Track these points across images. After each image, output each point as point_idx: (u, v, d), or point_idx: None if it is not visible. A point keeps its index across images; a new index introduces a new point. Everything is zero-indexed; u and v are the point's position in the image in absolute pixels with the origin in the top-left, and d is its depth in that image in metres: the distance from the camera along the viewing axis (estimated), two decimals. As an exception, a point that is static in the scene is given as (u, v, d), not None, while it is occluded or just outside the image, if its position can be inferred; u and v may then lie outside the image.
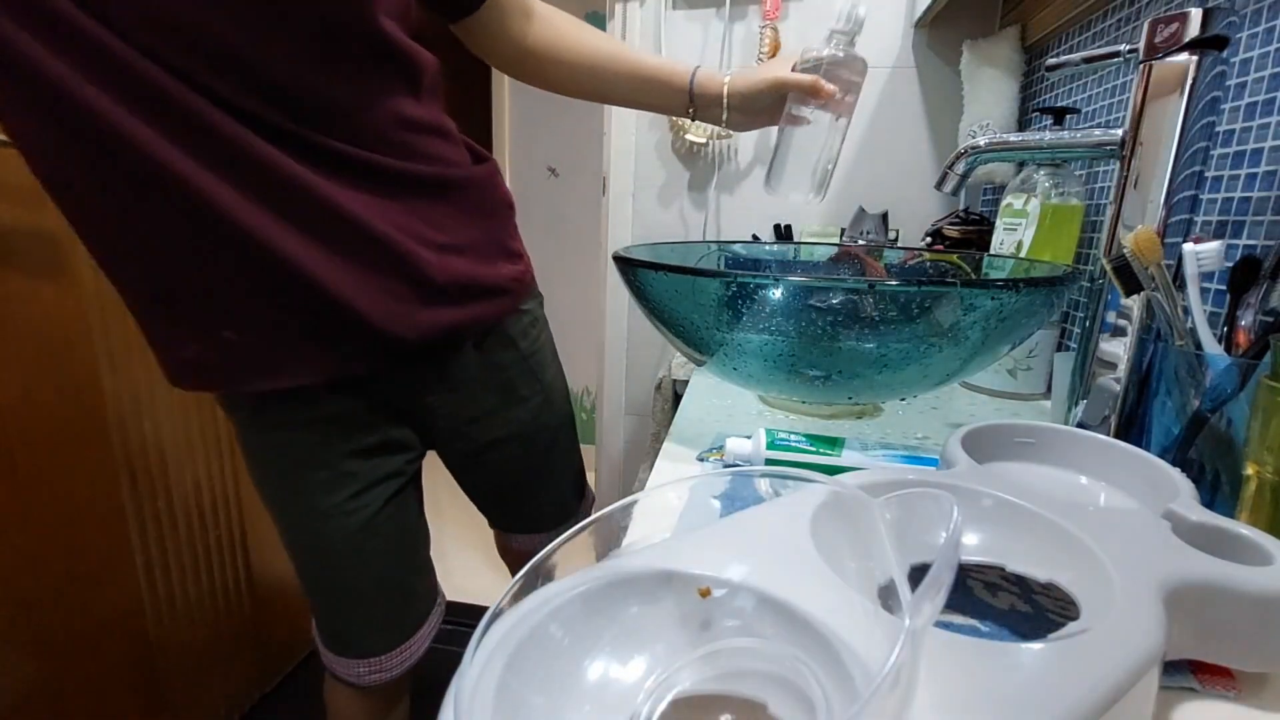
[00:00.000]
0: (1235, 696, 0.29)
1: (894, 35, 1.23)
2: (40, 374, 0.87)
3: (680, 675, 0.25)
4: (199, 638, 1.13)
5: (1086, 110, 0.82)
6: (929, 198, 1.27)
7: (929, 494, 0.31)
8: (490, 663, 0.22)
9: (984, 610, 0.34)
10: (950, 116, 1.22)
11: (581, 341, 2.04)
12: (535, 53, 0.68)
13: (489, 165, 0.63)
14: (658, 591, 0.27)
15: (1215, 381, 0.40)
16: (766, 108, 0.68)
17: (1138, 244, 0.43)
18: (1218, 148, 0.55)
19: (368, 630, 0.65)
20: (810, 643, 0.23)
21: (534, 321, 0.70)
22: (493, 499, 0.78)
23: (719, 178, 1.37)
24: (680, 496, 0.41)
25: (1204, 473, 0.40)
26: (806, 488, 0.31)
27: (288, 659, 1.36)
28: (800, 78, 0.64)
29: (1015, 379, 0.74)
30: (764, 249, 0.87)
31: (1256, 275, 0.43)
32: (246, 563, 1.22)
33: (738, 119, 0.69)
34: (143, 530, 1.00)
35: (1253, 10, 0.52)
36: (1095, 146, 0.53)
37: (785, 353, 0.52)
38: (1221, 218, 0.55)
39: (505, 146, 2.23)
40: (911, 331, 0.49)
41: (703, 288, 0.52)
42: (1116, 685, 0.22)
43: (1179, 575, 0.27)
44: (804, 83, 0.63)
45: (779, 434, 0.51)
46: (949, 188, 0.59)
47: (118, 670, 1.01)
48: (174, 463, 1.05)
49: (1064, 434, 0.43)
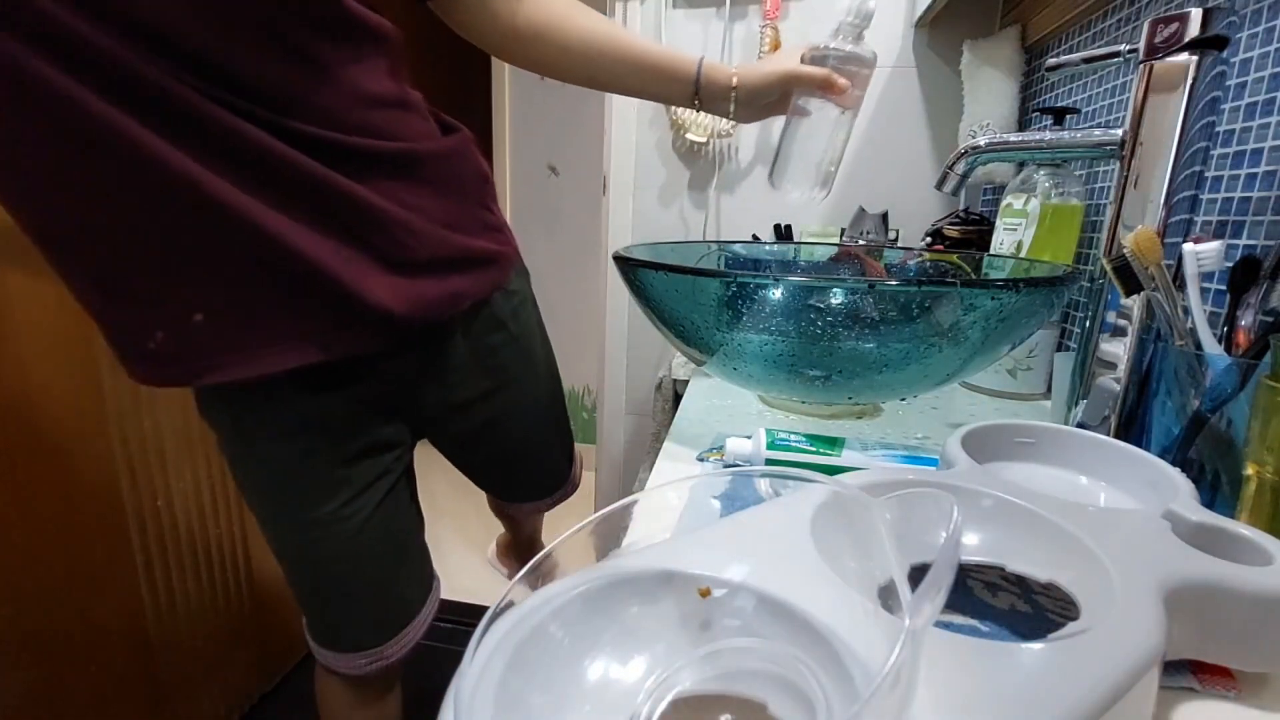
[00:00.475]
0: (1235, 696, 0.29)
1: (894, 35, 1.23)
2: (40, 374, 0.87)
3: (680, 675, 0.25)
4: (199, 638, 1.12)
5: (1086, 110, 0.82)
6: (929, 198, 1.27)
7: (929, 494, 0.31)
8: (490, 663, 0.22)
9: (984, 610, 0.34)
10: (950, 116, 1.22)
11: (581, 341, 2.04)
12: (525, 33, 0.63)
13: (460, 136, 0.61)
14: (658, 591, 0.27)
15: (1215, 381, 0.40)
16: (774, 101, 0.66)
17: (1138, 244, 0.43)
18: (1218, 148, 0.55)
19: (365, 627, 0.65)
20: (810, 643, 0.23)
21: (523, 301, 0.69)
22: (487, 475, 0.79)
23: (719, 177, 1.36)
24: (680, 496, 0.41)
25: (1204, 473, 0.40)
26: (806, 488, 0.31)
27: (288, 659, 1.36)
28: (812, 72, 0.62)
29: (1015, 379, 0.74)
30: (764, 249, 0.87)
31: (1256, 275, 0.43)
32: (247, 563, 1.22)
33: (744, 112, 0.67)
34: (143, 530, 1.00)
35: (1253, 10, 0.52)
36: (1095, 146, 0.53)
37: (785, 353, 0.52)
38: (1221, 218, 0.55)
39: (505, 146, 2.23)
40: (911, 331, 0.49)
41: (703, 288, 0.52)
42: (1116, 685, 0.22)
43: (1179, 575, 0.27)
44: (816, 77, 0.62)
45: (779, 434, 0.51)
46: (949, 188, 0.59)
47: (118, 670, 1.01)
48: (174, 462, 1.04)
49: (1064, 434, 0.43)
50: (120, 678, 1.02)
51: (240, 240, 0.46)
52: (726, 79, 0.65)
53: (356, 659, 0.64)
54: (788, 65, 0.63)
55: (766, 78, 0.64)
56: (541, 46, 0.64)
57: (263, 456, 0.57)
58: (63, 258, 0.47)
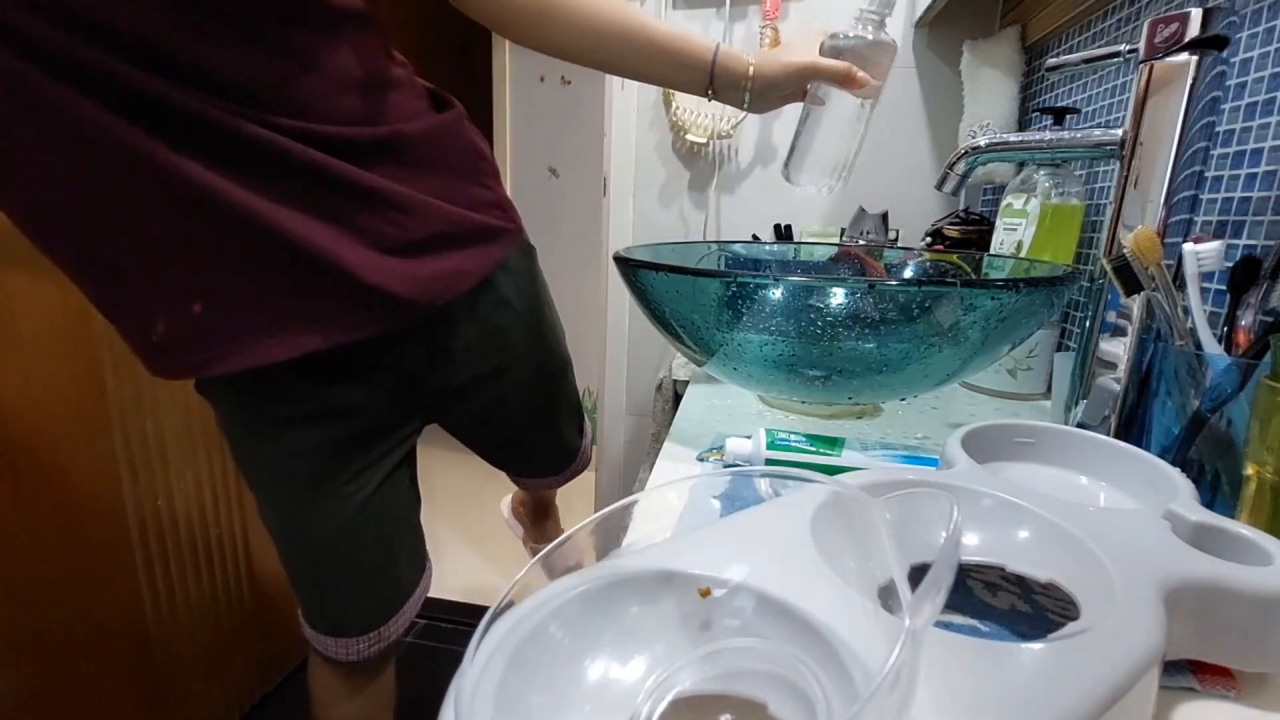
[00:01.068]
0: (1235, 696, 0.29)
1: (894, 35, 1.22)
2: (41, 373, 0.87)
3: (680, 675, 0.25)
4: (199, 637, 1.12)
5: (1086, 110, 0.82)
6: (929, 198, 1.27)
7: (929, 494, 0.31)
8: (490, 663, 0.22)
9: (984, 610, 0.34)
10: (950, 116, 1.22)
11: (582, 341, 2.03)
12: (530, 8, 0.59)
13: (453, 112, 0.59)
14: (658, 591, 0.27)
15: (1215, 381, 0.40)
16: (789, 92, 0.64)
17: (1138, 244, 0.43)
18: (1218, 148, 0.55)
19: (363, 609, 0.65)
20: (810, 643, 0.23)
21: (530, 279, 0.68)
22: (499, 453, 0.79)
23: (719, 178, 1.37)
24: (680, 496, 0.41)
25: (1204, 473, 0.40)
26: (806, 488, 0.31)
27: (288, 659, 1.36)
28: (832, 65, 0.60)
29: (1015, 379, 0.74)
30: (764, 249, 0.87)
31: (1256, 275, 0.43)
32: (247, 562, 1.22)
33: (759, 103, 0.65)
34: (143, 530, 1.00)
35: (1253, 10, 0.52)
36: (1095, 146, 0.53)
37: (785, 353, 0.52)
38: (1221, 218, 0.55)
39: (505, 146, 2.23)
40: (911, 331, 0.49)
41: (703, 288, 0.52)
42: (1116, 685, 0.22)
43: (1179, 575, 0.27)
44: (837, 70, 0.60)
45: (779, 434, 0.51)
46: (949, 188, 0.59)
47: (118, 670, 1.01)
48: (175, 462, 1.04)
49: (1064, 434, 0.43)
50: (120, 677, 1.02)
51: (233, 229, 0.46)
52: (743, 69, 0.62)
53: (356, 643, 0.64)
54: (807, 57, 0.61)
55: (785, 69, 0.62)
56: (547, 24, 0.60)
57: (263, 435, 0.57)
58: (55, 248, 0.48)
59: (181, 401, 1.05)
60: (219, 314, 0.49)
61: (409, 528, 0.68)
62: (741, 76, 0.62)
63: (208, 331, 0.49)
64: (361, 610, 0.65)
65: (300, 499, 0.59)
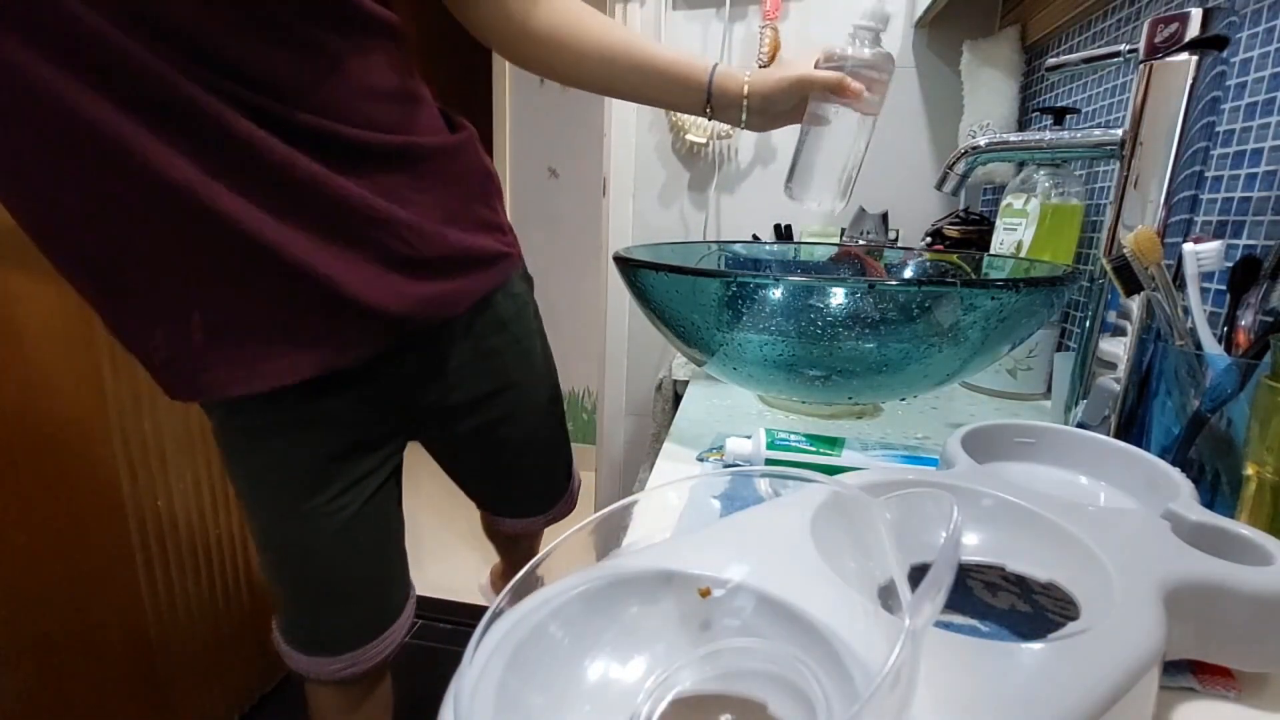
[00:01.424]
0: (1235, 696, 0.29)
1: (894, 35, 1.23)
2: (41, 374, 0.87)
3: (680, 675, 0.25)
4: (199, 638, 1.12)
5: (1086, 110, 0.82)
6: (929, 198, 1.27)
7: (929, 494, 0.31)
8: (490, 663, 0.22)
9: (984, 610, 0.34)
10: (950, 116, 1.22)
11: (581, 341, 2.04)
12: (539, 35, 0.61)
13: (466, 133, 0.60)
14: (658, 591, 0.27)
15: (1215, 381, 0.40)
16: (787, 110, 0.64)
17: (1138, 244, 0.43)
18: (1218, 148, 0.55)
19: (344, 629, 0.64)
20: (810, 643, 0.23)
21: (525, 305, 0.69)
22: (482, 483, 0.78)
23: (719, 178, 1.37)
24: (680, 496, 0.41)
25: (1204, 473, 0.40)
26: (806, 488, 0.31)
27: (288, 659, 1.36)
28: (825, 75, 0.60)
29: (1015, 379, 0.74)
30: (764, 249, 0.87)
31: (1256, 275, 0.43)
32: (247, 563, 1.22)
33: (757, 120, 0.65)
34: (143, 530, 1.00)
35: (1253, 10, 0.52)
36: (1095, 146, 0.53)
37: (785, 353, 0.52)
38: (1221, 218, 0.55)
39: (505, 147, 2.23)
40: (911, 331, 0.49)
41: (703, 288, 0.52)
42: (1116, 685, 0.22)
43: (1179, 575, 0.27)
44: (829, 80, 0.60)
45: (779, 434, 0.51)
46: (949, 188, 0.59)
47: (118, 670, 1.01)
48: (174, 463, 1.05)
49: (1064, 434, 0.43)
50: (120, 678, 1.02)
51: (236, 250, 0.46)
52: (738, 87, 0.63)
53: (330, 663, 0.64)
54: (800, 71, 0.61)
55: (778, 84, 0.62)
56: (555, 50, 0.62)
57: (256, 448, 0.57)
58: (58, 256, 0.47)
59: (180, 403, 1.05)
60: (218, 337, 0.49)
61: (394, 548, 0.67)
62: (737, 94, 0.63)
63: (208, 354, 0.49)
64: (340, 628, 0.64)
65: (286, 511, 0.59)
